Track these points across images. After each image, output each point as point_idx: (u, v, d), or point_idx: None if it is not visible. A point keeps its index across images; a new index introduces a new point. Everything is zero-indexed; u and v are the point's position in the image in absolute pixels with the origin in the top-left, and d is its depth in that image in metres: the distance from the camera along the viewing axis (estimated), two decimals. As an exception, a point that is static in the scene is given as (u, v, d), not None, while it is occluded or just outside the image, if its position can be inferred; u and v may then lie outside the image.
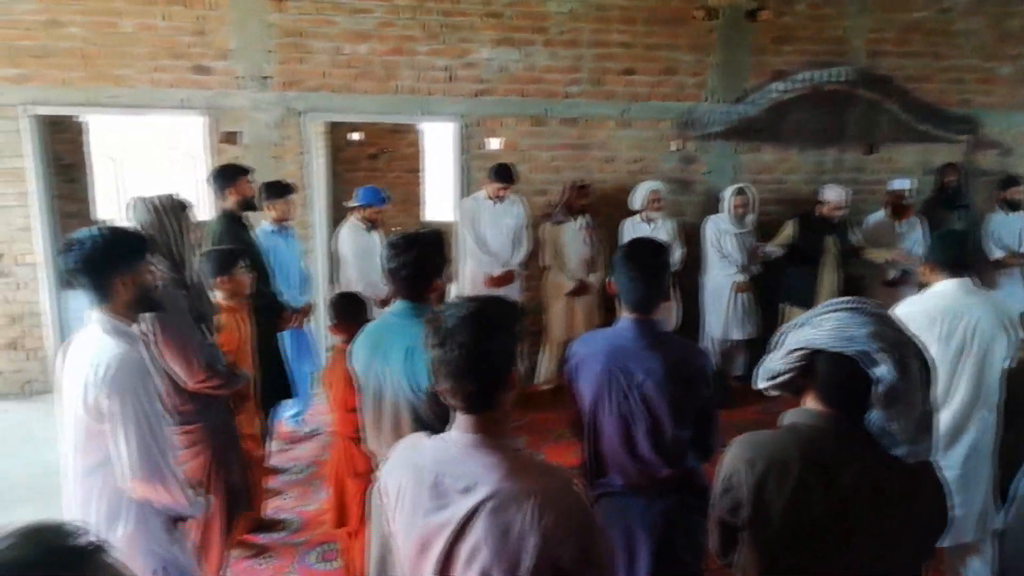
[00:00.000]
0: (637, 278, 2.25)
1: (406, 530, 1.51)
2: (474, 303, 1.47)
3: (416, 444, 1.59)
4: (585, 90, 5.75)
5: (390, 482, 1.57)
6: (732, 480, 1.62)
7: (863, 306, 1.55)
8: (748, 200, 5.44)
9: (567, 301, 5.44)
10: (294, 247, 4.78)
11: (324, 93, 5.45)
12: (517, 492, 1.39)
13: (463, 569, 1.42)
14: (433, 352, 1.46)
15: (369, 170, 9.12)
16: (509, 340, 1.48)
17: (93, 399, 2.01)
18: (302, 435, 4.95)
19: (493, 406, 1.48)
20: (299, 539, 3.76)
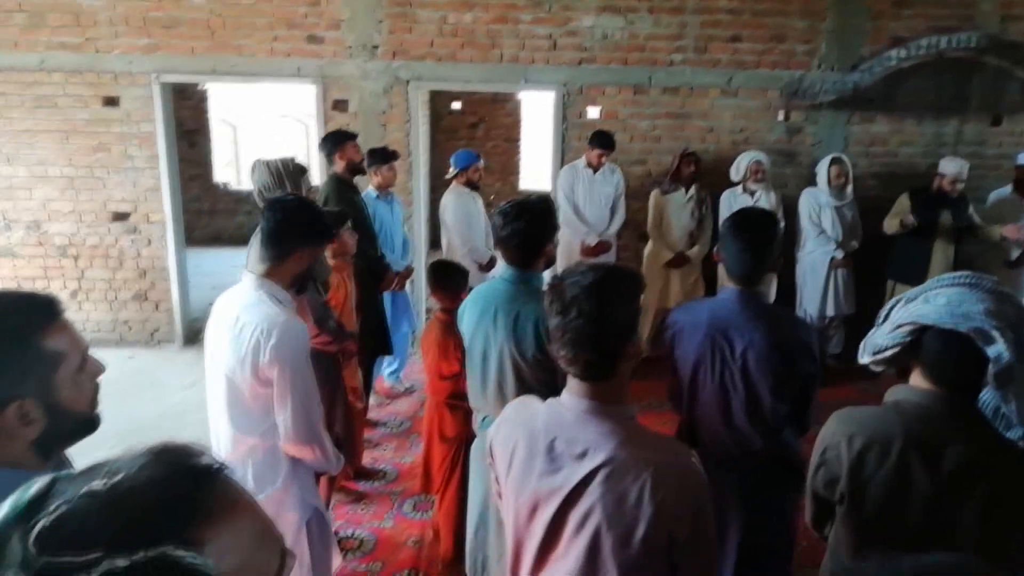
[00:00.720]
0: (744, 249, 2.23)
1: (516, 492, 1.52)
2: (598, 272, 1.44)
3: (528, 407, 1.60)
4: (689, 58, 5.64)
5: (499, 444, 1.59)
6: (828, 454, 1.61)
7: (980, 281, 1.49)
8: (846, 170, 5.24)
9: (664, 272, 5.42)
10: (397, 213, 4.95)
11: (429, 62, 5.57)
12: (634, 461, 1.40)
13: (573, 533, 1.43)
14: (554, 319, 1.44)
15: (468, 139, 9.26)
16: (631, 310, 1.46)
17: (262, 363, 2.08)
18: (400, 391, 5.18)
19: (611, 375, 1.46)
20: (396, 489, 3.97)
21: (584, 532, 1.42)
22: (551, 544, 1.48)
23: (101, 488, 0.50)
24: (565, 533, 1.45)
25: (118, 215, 5.78)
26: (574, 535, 1.43)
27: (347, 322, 3.48)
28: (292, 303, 2.26)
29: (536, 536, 1.49)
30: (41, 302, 1.15)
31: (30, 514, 0.48)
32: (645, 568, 1.41)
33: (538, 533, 1.48)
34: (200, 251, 8.95)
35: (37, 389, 1.11)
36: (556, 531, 1.46)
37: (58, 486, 0.50)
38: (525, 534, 1.53)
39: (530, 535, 1.51)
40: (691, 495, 1.40)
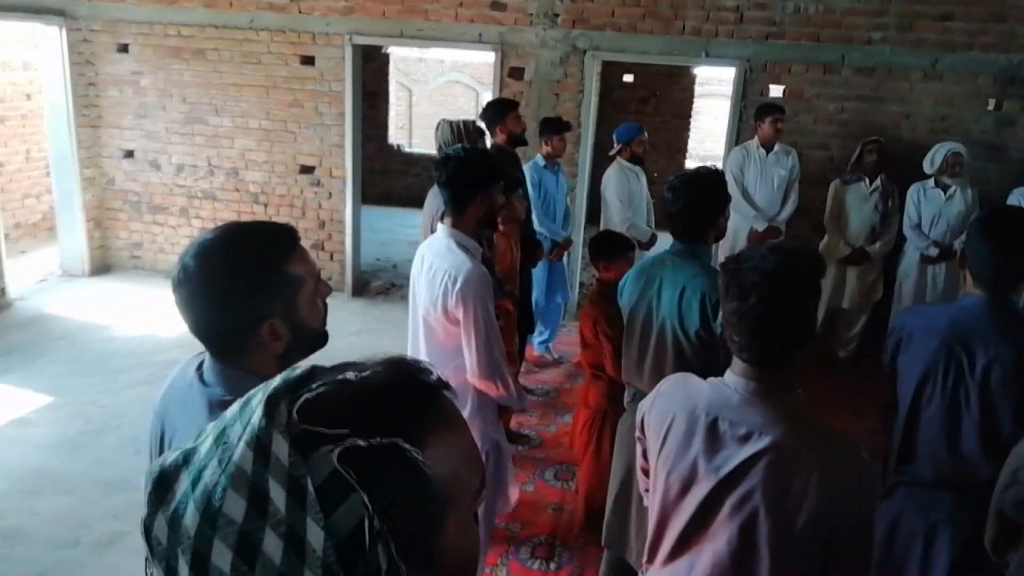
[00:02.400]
0: (995, 250, 1.97)
1: (668, 468, 1.50)
2: (778, 257, 1.40)
3: (688, 383, 1.57)
4: (889, 36, 5.20)
5: (654, 418, 1.57)
6: (1022, 474, 1.50)
7: None
8: None
9: (839, 268, 5.08)
10: (562, 184, 4.98)
11: (608, 32, 5.51)
12: (801, 449, 1.37)
13: (729, 515, 1.41)
14: (730, 304, 1.41)
15: (638, 113, 9.11)
16: (809, 298, 1.42)
17: (451, 305, 2.31)
18: (549, 361, 5.25)
19: (785, 363, 1.43)
20: (539, 455, 4.06)
21: (740, 515, 1.40)
22: (702, 524, 1.46)
23: (353, 378, 0.57)
24: (719, 515, 1.43)
25: (305, 168, 6.23)
26: (729, 517, 1.41)
27: (512, 286, 3.58)
28: (479, 250, 2.47)
29: (685, 514, 1.48)
30: (284, 232, 1.28)
31: (296, 388, 0.55)
32: (799, 559, 1.38)
33: (688, 511, 1.47)
34: (372, 208, 9.46)
35: (284, 309, 1.24)
36: (709, 511, 1.44)
37: (317, 372, 0.58)
38: (673, 511, 1.51)
39: (678, 513, 1.49)
40: (858, 491, 1.37)
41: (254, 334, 1.22)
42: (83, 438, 3.97)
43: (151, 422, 1.34)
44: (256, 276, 1.21)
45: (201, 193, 6.46)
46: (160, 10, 6.05)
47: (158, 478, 0.54)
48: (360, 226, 6.51)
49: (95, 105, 6.40)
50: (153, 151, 6.45)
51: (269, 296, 1.22)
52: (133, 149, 6.48)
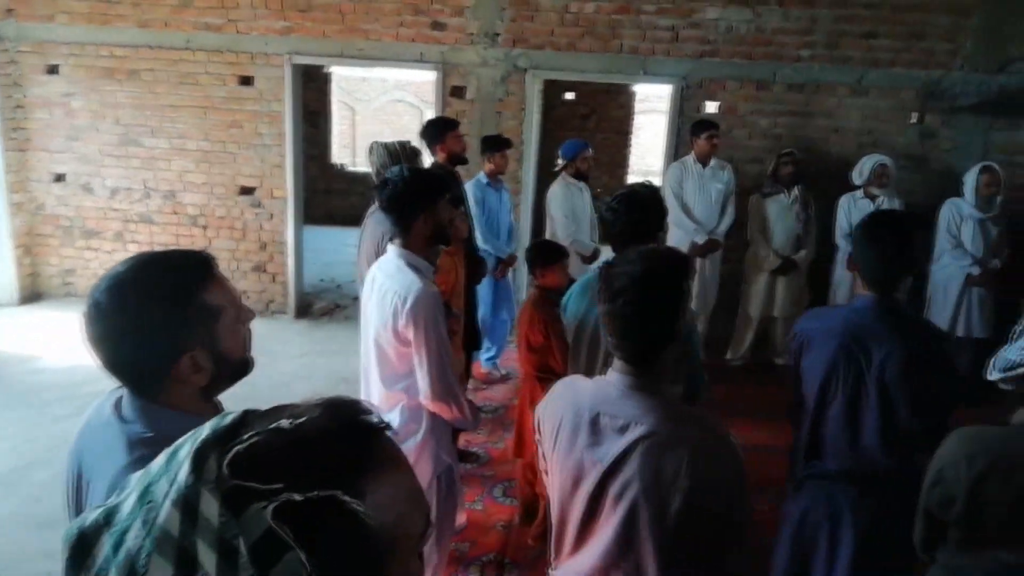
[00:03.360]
0: (881, 253, 2.10)
1: (561, 465, 1.57)
2: (645, 262, 1.49)
3: (575, 384, 1.65)
4: (818, 54, 5.41)
5: (547, 419, 1.64)
6: (946, 473, 1.56)
7: None
8: (998, 180, 4.84)
9: (769, 278, 5.23)
10: (505, 200, 5.00)
11: (548, 51, 5.59)
12: (673, 436, 1.44)
13: (612, 504, 1.48)
14: (603, 306, 1.51)
15: (579, 130, 9.23)
16: (676, 298, 1.50)
17: (402, 326, 2.27)
18: (496, 377, 5.25)
19: (654, 358, 1.51)
20: (487, 472, 4.04)
21: (622, 503, 1.47)
22: (593, 516, 1.54)
23: (288, 427, 0.54)
24: (605, 504, 1.50)
25: (245, 189, 6.13)
26: (613, 506, 1.48)
27: (457, 305, 3.57)
28: (431, 269, 2.45)
29: (579, 508, 1.54)
30: (198, 259, 1.25)
31: (227, 438, 0.53)
32: (679, 540, 1.45)
33: (580, 505, 1.54)
34: (315, 228, 9.35)
35: (204, 340, 1.21)
36: (597, 503, 1.52)
37: (249, 419, 0.56)
38: (569, 506, 1.58)
39: (573, 507, 1.56)
40: (727, 472, 1.45)
41: (173, 367, 1.19)
42: (12, 474, 3.80)
43: (67, 464, 1.28)
44: (171, 307, 1.17)
45: (137, 216, 6.29)
46: (92, 31, 5.90)
47: (77, 541, 0.52)
48: (303, 247, 6.42)
49: (23, 128, 6.19)
50: (86, 174, 6.26)
51: (186, 327, 1.19)
52: (64, 172, 6.28)
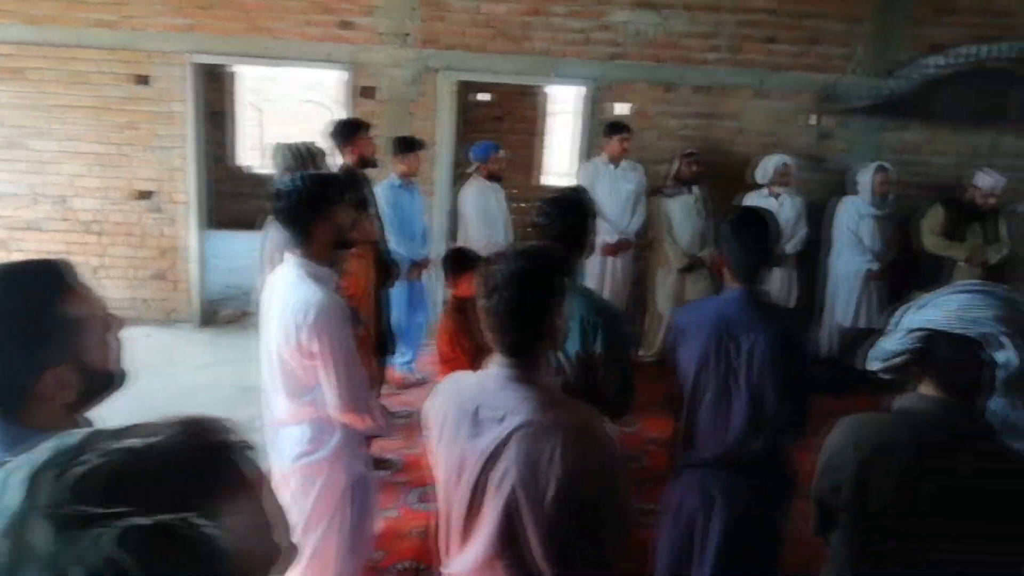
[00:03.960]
0: (745, 247, 2.23)
1: (446, 458, 1.61)
2: (522, 259, 1.53)
3: (458, 379, 1.69)
4: (722, 57, 5.58)
5: (433, 415, 1.67)
6: (834, 461, 1.61)
7: (992, 288, 1.48)
8: (891, 179, 5.14)
9: (677, 276, 5.35)
10: (418, 202, 4.94)
11: (460, 52, 5.55)
12: (547, 424, 1.48)
13: (493, 494, 1.52)
14: (480, 301, 1.54)
15: (493, 131, 9.21)
16: (551, 294, 1.54)
17: (303, 340, 2.18)
18: (413, 381, 5.18)
19: (532, 353, 1.56)
20: (402, 479, 3.97)
21: (501, 492, 1.50)
22: (475, 506, 1.56)
23: (138, 446, 0.51)
24: (487, 494, 1.53)
25: (143, 193, 5.83)
26: (493, 496, 1.51)
27: (366, 309, 3.49)
28: (333, 277, 2.36)
29: (463, 499, 1.57)
30: (53, 270, 1.17)
31: (68, 460, 0.49)
32: (558, 526, 1.48)
33: (464, 496, 1.56)
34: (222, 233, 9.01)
35: (67, 354, 1.14)
36: (479, 493, 1.54)
37: (96, 439, 0.52)
38: (453, 498, 1.60)
39: (457, 498, 1.59)
40: (600, 458, 1.49)
41: (35, 385, 1.11)
42: None
43: None
44: (26, 322, 1.10)
45: (24, 224, 5.88)
46: (-30, 25, 5.49)
47: None
48: (207, 253, 6.16)
49: None
50: (-35, 179, 5.81)
51: (45, 342, 1.12)
52: (-60, 177, 5.81)
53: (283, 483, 2.38)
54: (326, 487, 2.35)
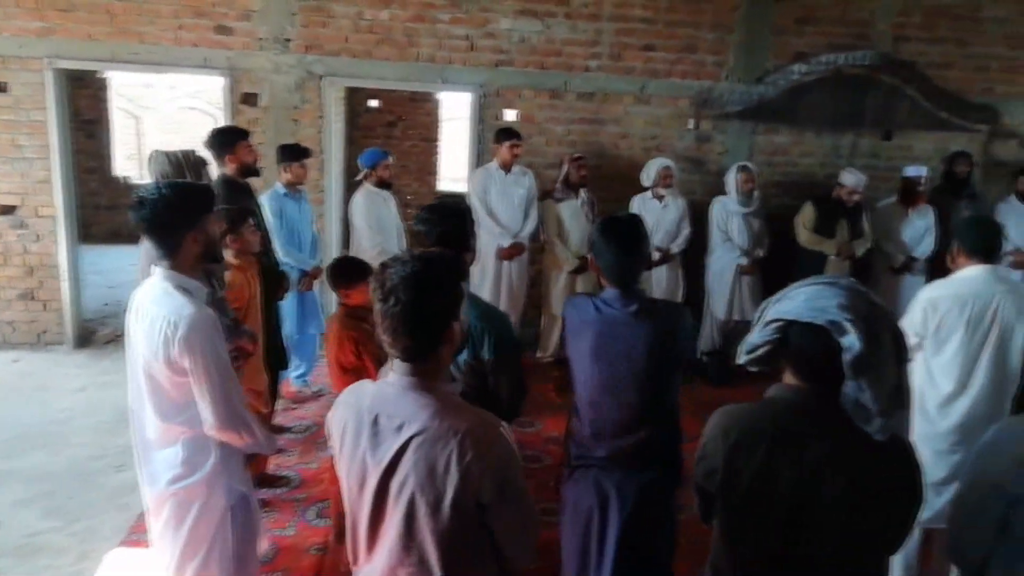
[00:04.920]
0: (618, 253, 2.29)
1: (348, 468, 1.61)
2: (417, 262, 1.53)
3: (359, 389, 1.68)
4: (604, 64, 5.74)
5: (334, 425, 1.66)
6: (708, 448, 1.68)
7: (837, 280, 1.59)
8: (753, 177, 5.45)
9: (569, 278, 5.46)
10: (306, 211, 4.83)
11: (344, 58, 5.47)
12: (444, 430, 1.50)
13: (394, 502, 1.53)
14: (376, 306, 1.54)
15: (385, 137, 9.15)
16: (447, 298, 1.56)
17: (173, 356, 2.09)
18: (308, 395, 5.06)
19: (429, 357, 1.56)
20: (300, 495, 3.87)
21: (401, 500, 1.51)
22: (379, 515, 1.57)
23: None
24: (388, 504, 1.54)
25: (4, 208, 5.42)
26: (394, 505, 1.53)
27: (251, 323, 3.38)
28: (204, 290, 2.28)
29: (366, 509, 1.58)
30: None
31: None
32: (458, 532, 1.51)
33: (367, 505, 1.57)
34: (98, 248, 8.51)
35: None
36: (381, 502, 1.56)
37: None
38: (358, 509, 1.61)
39: (361, 510, 1.59)
40: (496, 462, 1.50)
41: None
42: None
43: None
44: None
45: None
46: None
47: None
48: (82, 269, 5.80)
49: None
50: None
51: None
52: None
53: (157, 510, 2.27)
54: (204, 511, 2.24)
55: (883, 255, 5.52)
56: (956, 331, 2.84)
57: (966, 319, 2.82)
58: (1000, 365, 2.85)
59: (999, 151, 6.22)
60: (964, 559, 1.78)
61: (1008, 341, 2.83)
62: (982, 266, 2.87)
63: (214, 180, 4.08)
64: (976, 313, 2.82)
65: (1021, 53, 6.04)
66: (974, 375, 2.86)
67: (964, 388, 2.87)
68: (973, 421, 2.84)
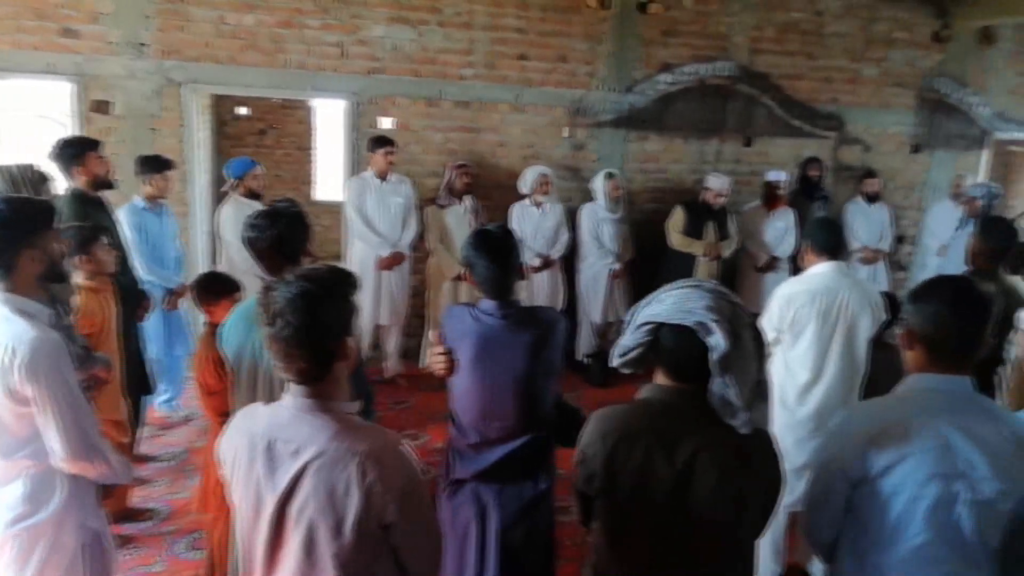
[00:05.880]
0: (491, 265, 2.30)
1: (242, 496, 1.55)
2: (305, 281, 1.48)
3: (251, 413, 1.62)
4: (479, 73, 5.76)
5: (226, 452, 1.60)
6: (587, 452, 1.70)
7: (702, 284, 1.67)
8: (621, 184, 5.65)
9: (453, 285, 5.44)
10: (168, 225, 4.57)
11: (206, 64, 5.21)
12: (343, 452, 1.46)
13: (293, 527, 1.48)
14: (264, 329, 1.48)
15: (256, 146, 8.80)
16: (340, 313, 1.52)
17: (13, 385, 1.94)
18: (176, 420, 4.77)
19: (325, 377, 1.53)
20: (168, 528, 3.64)
21: (301, 525, 1.47)
22: (276, 544, 1.52)
23: None
24: (287, 530, 1.50)
25: None
26: (293, 532, 1.49)
27: (107, 348, 3.14)
28: (47, 312, 2.11)
29: (262, 538, 1.52)
30: None
31: None
32: (360, 554, 1.48)
33: (263, 535, 1.52)
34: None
35: None
36: (279, 528, 1.51)
37: None
38: (253, 536, 1.55)
39: (257, 537, 1.54)
40: (399, 481, 1.48)
41: None
42: None
43: None
44: None
45: None
46: None
47: None
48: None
49: None
50: None
51: None
52: None
53: (-3, 553, 2.06)
54: (51, 553, 2.05)
55: (748, 255, 5.84)
56: (809, 324, 3.04)
57: (817, 312, 3.03)
58: (849, 355, 3.07)
59: (846, 156, 6.72)
60: (817, 540, 1.89)
61: (855, 332, 3.06)
62: (829, 263, 3.10)
63: (61, 195, 3.80)
64: (826, 307, 3.03)
65: (860, 66, 6.56)
66: (827, 365, 3.07)
67: (819, 377, 3.07)
68: (828, 408, 3.05)
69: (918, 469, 1.65)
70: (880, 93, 6.67)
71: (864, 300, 3.07)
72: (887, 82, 6.66)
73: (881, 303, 3.12)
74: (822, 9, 6.36)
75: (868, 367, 3.11)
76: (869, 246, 6.29)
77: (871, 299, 3.10)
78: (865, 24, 6.49)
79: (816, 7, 6.34)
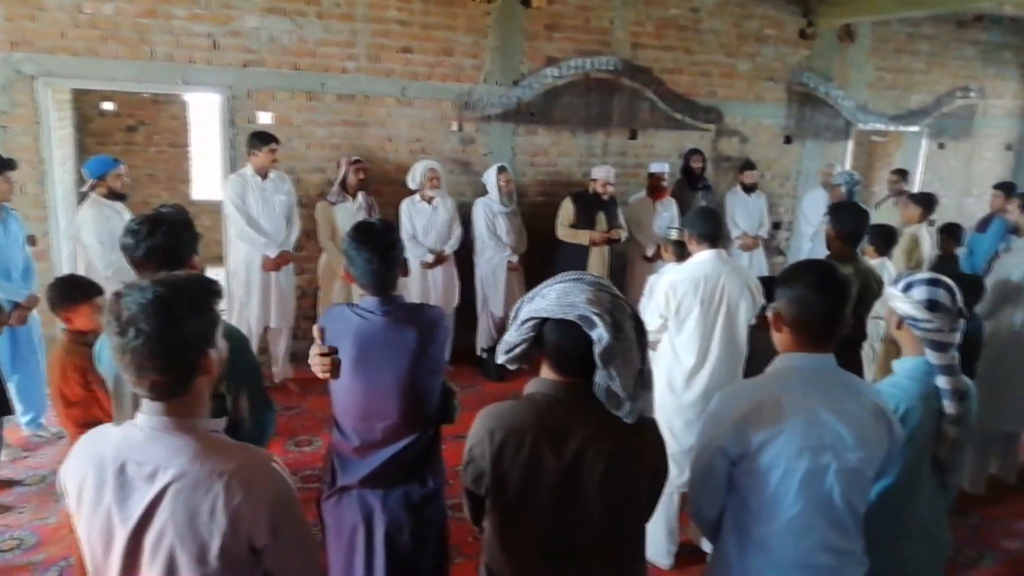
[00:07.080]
0: (372, 260, 2.22)
1: (89, 526, 1.40)
2: (160, 286, 1.35)
3: (99, 435, 1.47)
4: (362, 66, 5.61)
5: (70, 479, 1.44)
6: (475, 451, 1.67)
7: (583, 277, 1.66)
8: (510, 177, 5.68)
9: (344, 284, 5.30)
10: (14, 232, 4.18)
11: (62, 56, 4.82)
12: (206, 473, 1.34)
13: (150, 559, 1.36)
14: (113, 339, 1.33)
15: (125, 144, 8.27)
16: (201, 323, 1.39)
17: None
18: (44, 440, 4.41)
19: (183, 392, 1.39)
20: (36, 557, 3.35)
21: (159, 556, 1.35)
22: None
23: None
24: (142, 561, 1.36)
25: None
26: (151, 561, 1.36)
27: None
28: None
29: (114, 570, 1.38)
30: None
31: None
32: None
33: (116, 567, 1.38)
34: None
35: None
36: (133, 561, 1.37)
37: None
38: (104, 570, 1.41)
39: (108, 569, 1.40)
40: (269, 500, 1.37)
41: None
42: None
43: None
44: None
45: None
46: None
47: None
48: None
49: None
50: None
51: None
52: None
53: None
54: None
55: (636, 245, 5.98)
56: (693, 310, 3.14)
57: (700, 298, 3.12)
58: (730, 338, 3.19)
59: (725, 147, 7.01)
60: (702, 518, 1.94)
61: (735, 316, 3.18)
62: (710, 250, 3.20)
63: None
64: (708, 292, 3.13)
65: (735, 60, 6.85)
66: (711, 349, 3.18)
67: (704, 361, 3.18)
68: (713, 391, 3.13)
69: (790, 443, 1.72)
70: (754, 87, 6.98)
71: (743, 285, 3.19)
72: (760, 76, 6.99)
73: (759, 288, 3.25)
74: (697, 6, 6.58)
75: (748, 349, 3.24)
76: (748, 233, 6.58)
77: (750, 284, 3.22)
78: (738, 20, 6.77)
79: (691, 3, 6.55)
